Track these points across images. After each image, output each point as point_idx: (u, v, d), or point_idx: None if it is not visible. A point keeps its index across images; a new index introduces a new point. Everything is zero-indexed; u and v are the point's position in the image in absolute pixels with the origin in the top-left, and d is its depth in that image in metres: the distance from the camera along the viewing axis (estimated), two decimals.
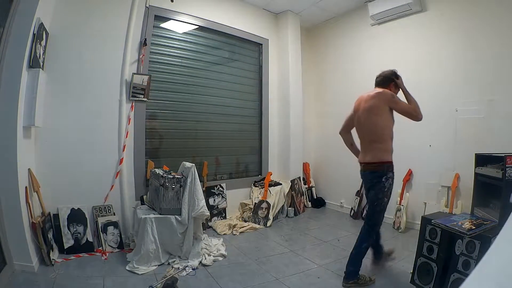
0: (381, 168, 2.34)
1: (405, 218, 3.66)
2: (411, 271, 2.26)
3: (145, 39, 3.42)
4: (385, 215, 4.05)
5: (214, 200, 3.97)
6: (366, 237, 2.40)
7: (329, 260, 2.88)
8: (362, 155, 2.50)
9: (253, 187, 4.40)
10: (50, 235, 2.69)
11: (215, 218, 3.93)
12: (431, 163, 3.62)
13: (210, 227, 3.77)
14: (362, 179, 2.54)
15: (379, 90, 2.44)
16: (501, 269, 0.68)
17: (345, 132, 2.70)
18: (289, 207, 4.45)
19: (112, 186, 3.18)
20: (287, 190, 4.41)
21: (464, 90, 3.36)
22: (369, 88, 4.52)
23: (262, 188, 4.23)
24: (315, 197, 5.09)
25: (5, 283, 2.12)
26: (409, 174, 3.80)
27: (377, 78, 2.59)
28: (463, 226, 1.92)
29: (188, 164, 3.00)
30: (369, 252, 2.54)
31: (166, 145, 3.82)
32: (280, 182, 4.47)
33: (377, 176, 2.35)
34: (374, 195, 2.37)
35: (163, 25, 3.72)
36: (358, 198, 4.34)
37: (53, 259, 2.56)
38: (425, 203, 3.58)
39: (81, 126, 3.04)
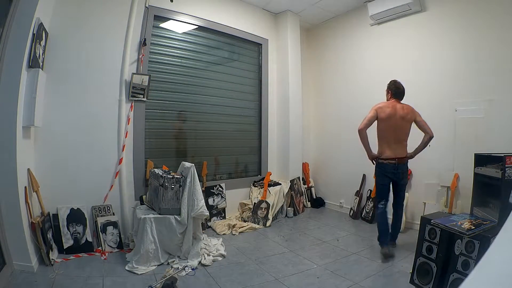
0: (407, 160, 3.07)
1: (404, 218, 3.65)
2: (411, 271, 2.26)
3: (145, 39, 3.42)
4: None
5: (214, 200, 3.97)
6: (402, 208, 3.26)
7: (328, 260, 2.88)
8: (392, 152, 3.00)
9: (253, 187, 4.40)
10: (49, 235, 2.69)
11: (215, 218, 3.93)
12: (430, 163, 3.62)
13: (210, 227, 3.77)
14: (393, 171, 3.00)
15: (407, 104, 3.07)
16: (500, 269, 0.68)
17: (366, 130, 2.97)
18: (289, 207, 4.45)
19: (112, 186, 3.18)
20: (287, 190, 4.41)
21: (463, 90, 3.37)
22: (368, 88, 4.54)
23: (261, 188, 4.23)
24: (315, 197, 5.09)
25: (4, 283, 2.12)
26: (409, 174, 3.79)
27: (398, 90, 3.09)
28: (462, 226, 1.92)
29: (187, 164, 3.00)
30: None
31: (166, 145, 3.82)
32: (280, 182, 4.47)
33: (407, 167, 3.11)
34: (406, 180, 3.14)
35: (163, 25, 3.72)
36: (358, 198, 4.35)
37: (52, 259, 2.55)
38: (425, 203, 3.59)
39: (81, 126, 3.04)
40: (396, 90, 3.08)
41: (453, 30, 3.46)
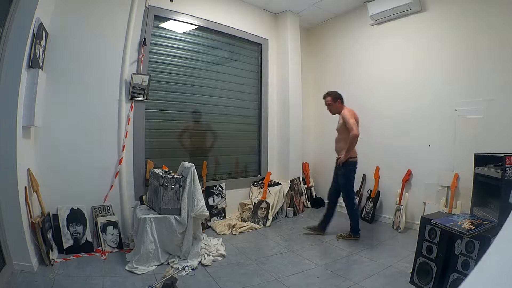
0: None
1: (404, 218, 3.66)
2: (411, 271, 2.26)
3: (145, 39, 3.42)
4: (384, 215, 4.11)
5: (214, 200, 3.97)
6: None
7: (328, 260, 2.88)
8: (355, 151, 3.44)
9: (253, 187, 4.40)
10: (49, 235, 2.69)
11: (215, 218, 3.93)
12: (430, 163, 3.63)
13: (210, 227, 3.77)
14: (356, 167, 3.46)
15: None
16: (500, 269, 0.68)
17: None
18: (289, 207, 4.45)
19: (112, 186, 3.18)
20: (287, 190, 4.41)
21: (463, 90, 3.37)
22: (368, 88, 4.55)
23: (261, 188, 4.23)
24: (315, 197, 5.09)
25: (4, 283, 2.12)
26: (409, 174, 3.81)
27: (343, 98, 3.51)
28: (462, 226, 1.92)
29: (187, 164, 3.00)
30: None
31: (166, 145, 3.82)
32: (280, 182, 4.47)
33: None
34: None
35: (163, 25, 3.72)
36: (358, 198, 4.34)
37: (52, 259, 2.55)
38: (425, 203, 3.59)
39: (81, 126, 3.04)
40: (342, 98, 3.49)
41: (453, 30, 3.46)
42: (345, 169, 3.38)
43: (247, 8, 4.50)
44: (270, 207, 3.98)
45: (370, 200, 4.15)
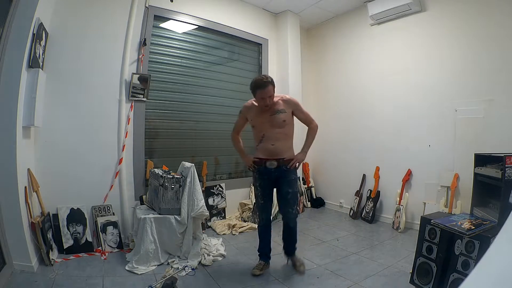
0: None
1: (404, 218, 3.66)
2: (411, 271, 2.26)
3: (145, 39, 3.42)
4: (384, 215, 4.09)
5: (214, 200, 3.97)
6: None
7: (328, 260, 2.88)
8: None
9: (253, 187, 4.39)
10: (49, 235, 2.69)
11: (215, 218, 3.93)
12: (430, 163, 3.63)
13: (210, 227, 3.77)
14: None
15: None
16: (500, 269, 0.68)
17: None
18: None
19: (112, 186, 3.18)
20: None
21: (463, 90, 3.37)
22: (368, 88, 4.54)
23: None
24: (315, 197, 5.09)
25: (4, 283, 2.12)
26: (409, 174, 3.81)
27: None
28: (462, 226, 1.92)
29: (187, 164, 3.00)
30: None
31: (166, 145, 3.82)
32: None
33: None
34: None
35: (163, 25, 3.72)
36: (358, 198, 4.35)
37: (52, 259, 2.56)
38: (425, 203, 3.59)
39: (81, 126, 3.04)
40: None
41: (453, 30, 3.46)
42: (296, 172, 2.67)
43: (247, 8, 4.50)
44: None
45: (370, 200, 4.15)
